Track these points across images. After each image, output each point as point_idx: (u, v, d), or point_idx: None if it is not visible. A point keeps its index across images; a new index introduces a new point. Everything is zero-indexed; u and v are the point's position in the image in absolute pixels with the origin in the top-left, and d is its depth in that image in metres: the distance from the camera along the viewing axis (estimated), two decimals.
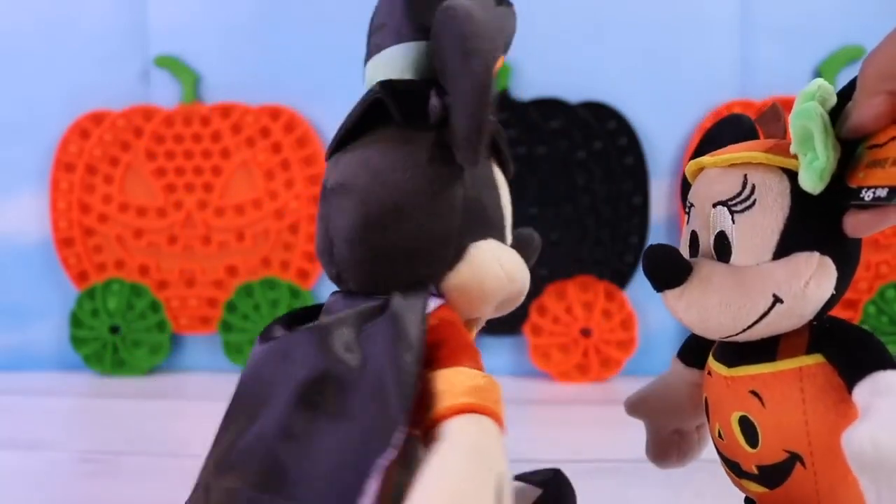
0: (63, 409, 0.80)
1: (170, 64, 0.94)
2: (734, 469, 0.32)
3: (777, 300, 0.29)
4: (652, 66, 0.91)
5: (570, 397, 0.84)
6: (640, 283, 0.92)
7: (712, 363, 0.33)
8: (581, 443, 0.37)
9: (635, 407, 0.38)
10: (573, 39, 0.92)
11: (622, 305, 0.92)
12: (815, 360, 0.29)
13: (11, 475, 0.30)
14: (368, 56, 0.34)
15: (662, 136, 0.92)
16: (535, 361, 0.92)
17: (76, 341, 0.94)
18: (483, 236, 0.32)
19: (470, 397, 0.27)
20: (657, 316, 0.92)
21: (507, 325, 0.88)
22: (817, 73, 0.89)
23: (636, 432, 0.39)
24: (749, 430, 0.31)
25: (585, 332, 0.91)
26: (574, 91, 0.91)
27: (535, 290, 0.92)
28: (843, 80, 0.33)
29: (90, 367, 0.94)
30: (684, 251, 0.33)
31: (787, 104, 0.29)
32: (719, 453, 0.33)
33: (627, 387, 0.38)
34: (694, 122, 0.91)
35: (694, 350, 0.36)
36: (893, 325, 0.88)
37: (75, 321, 0.95)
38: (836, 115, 0.28)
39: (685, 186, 0.35)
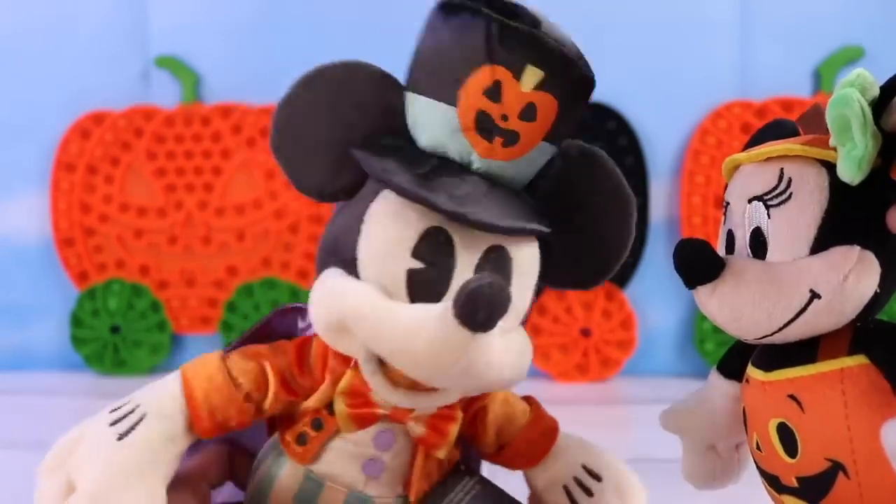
0: (63, 409, 0.80)
1: (170, 64, 0.94)
2: (774, 484, 0.30)
3: (814, 296, 0.27)
4: (652, 66, 0.91)
5: (570, 397, 0.84)
6: (639, 283, 0.92)
7: (750, 370, 0.31)
8: None
9: (669, 419, 0.36)
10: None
11: (622, 305, 0.92)
12: (858, 361, 0.27)
13: (11, 475, 0.30)
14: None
15: (662, 136, 0.92)
16: (535, 361, 0.91)
17: (76, 341, 0.94)
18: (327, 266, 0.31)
19: None
20: (657, 316, 0.92)
21: None
22: (817, 74, 0.89)
23: (636, 432, 0.39)
24: (788, 438, 0.29)
25: (585, 332, 0.91)
26: None
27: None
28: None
29: (91, 367, 0.94)
30: (720, 252, 0.32)
31: (788, 105, 0.29)
32: (759, 468, 0.32)
33: (627, 387, 0.38)
34: (694, 123, 0.91)
35: (734, 361, 0.34)
36: None
37: (76, 321, 0.95)
38: (882, 108, 0.27)
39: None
